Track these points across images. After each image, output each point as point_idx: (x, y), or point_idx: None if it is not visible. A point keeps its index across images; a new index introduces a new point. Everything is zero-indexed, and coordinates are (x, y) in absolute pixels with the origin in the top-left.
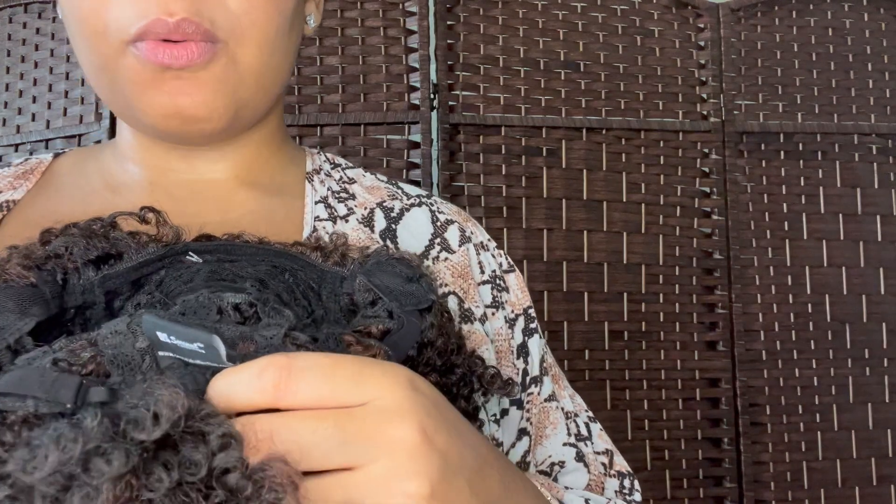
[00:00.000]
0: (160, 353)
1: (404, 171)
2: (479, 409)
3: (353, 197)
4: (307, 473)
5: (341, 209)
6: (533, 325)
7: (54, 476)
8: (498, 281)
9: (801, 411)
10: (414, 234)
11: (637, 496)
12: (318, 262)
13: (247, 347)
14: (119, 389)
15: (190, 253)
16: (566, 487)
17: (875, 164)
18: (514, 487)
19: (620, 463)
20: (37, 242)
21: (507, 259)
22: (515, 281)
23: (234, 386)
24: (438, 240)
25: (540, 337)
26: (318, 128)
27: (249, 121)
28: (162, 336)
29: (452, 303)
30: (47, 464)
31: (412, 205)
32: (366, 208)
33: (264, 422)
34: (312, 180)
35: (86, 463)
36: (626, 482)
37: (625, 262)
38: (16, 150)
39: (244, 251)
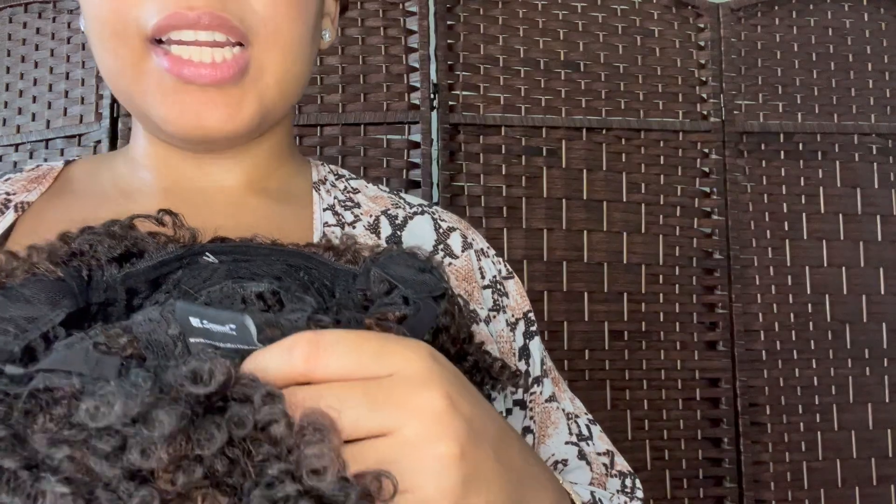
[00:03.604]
0: (191, 340)
1: (404, 171)
2: (491, 400)
3: (358, 206)
4: None
5: (348, 216)
6: (533, 329)
7: (112, 432)
8: (498, 286)
9: (801, 411)
10: (418, 240)
11: (639, 493)
12: (331, 261)
13: (273, 332)
14: (155, 372)
15: (207, 254)
16: (571, 482)
17: (875, 164)
18: (532, 461)
19: (621, 463)
20: (57, 242)
21: (505, 266)
22: (514, 287)
23: (266, 362)
24: (441, 245)
25: (540, 340)
26: (318, 128)
27: (269, 127)
28: (194, 321)
29: None
30: (114, 412)
31: (415, 213)
32: (371, 216)
33: (296, 394)
34: (319, 189)
35: (145, 416)
36: (628, 481)
37: (625, 262)
38: (16, 150)
39: (259, 252)
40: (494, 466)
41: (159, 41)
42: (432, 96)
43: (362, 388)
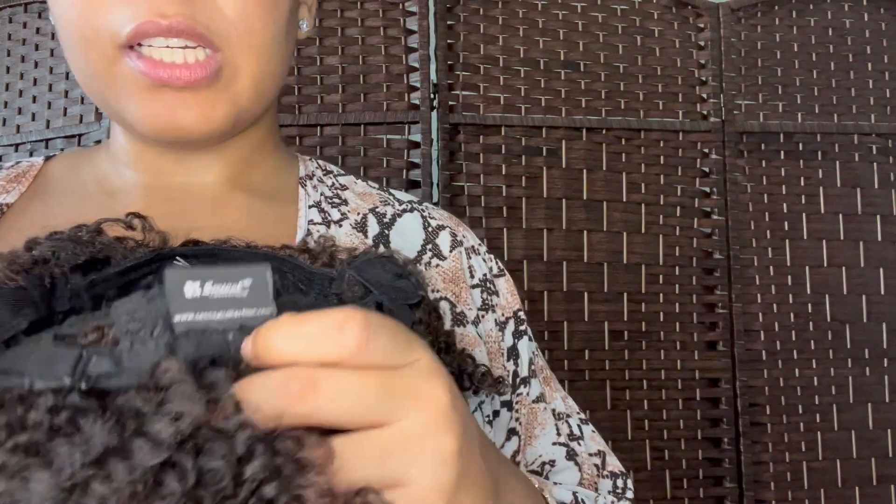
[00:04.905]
0: (176, 319)
1: (404, 171)
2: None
3: (345, 202)
4: (340, 431)
5: (335, 214)
6: (522, 328)
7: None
8: (488, 284)
9: (801, 411)
10: (406, 239)
11: (630, 494)
12: (307, 265)
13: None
14: (122, 359)
15: (178, 258)
16: (556, 483)
17: (875, 164)
18: (504, 465)
19: (613, 463)
20: (22, 249)
21: (497, 263)
22: (505, 285)
23: (310, 337)
24: (430, 245)
25: (530, 340)
26: (318, 128)
27: (246, 125)
28: (190, 289)
29: (444, 307)
30: (34, 496)
31: (404, 210)
32: (359, 213)
33: (313, 373)
34: (305, 185)
35: (84, 486)
36: (620, 482)
37: (625, 262)
38: (16, 150)
39: (232, 255)
40: (481, 467)
41: (130, 46)
42: (432, 96)
43: (379, 376)
